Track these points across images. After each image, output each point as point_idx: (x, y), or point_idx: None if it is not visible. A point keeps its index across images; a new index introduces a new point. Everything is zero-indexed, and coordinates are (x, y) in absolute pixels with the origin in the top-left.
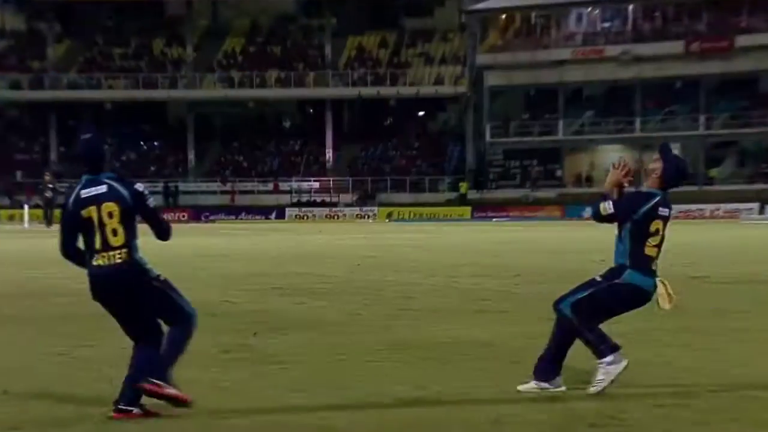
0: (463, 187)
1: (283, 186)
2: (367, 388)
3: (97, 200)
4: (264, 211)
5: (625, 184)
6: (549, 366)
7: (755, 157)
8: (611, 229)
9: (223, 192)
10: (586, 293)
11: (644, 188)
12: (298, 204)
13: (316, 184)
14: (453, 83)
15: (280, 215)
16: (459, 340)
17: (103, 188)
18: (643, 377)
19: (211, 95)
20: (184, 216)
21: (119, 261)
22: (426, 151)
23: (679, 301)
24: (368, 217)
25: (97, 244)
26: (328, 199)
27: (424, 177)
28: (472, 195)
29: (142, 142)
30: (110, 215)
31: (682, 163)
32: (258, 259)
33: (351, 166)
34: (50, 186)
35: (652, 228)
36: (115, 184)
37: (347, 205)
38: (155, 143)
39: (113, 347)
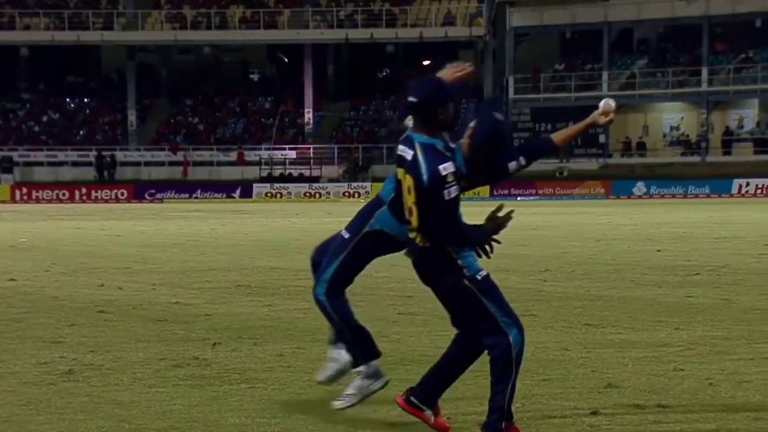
0: None
1: (250, 156)
2: (355, 412)
3: None
4: (225, 188)
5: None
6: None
7: None
8: (674, 213)
9: (172, 163)
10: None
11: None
12: (269, 179)
13: (293, 154)
14: (467, 23)
15: (246, 193)
16: None
17: None
18: (702, 399)
19: (157, 38)
20: (122, 194)
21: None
22: None
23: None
24: (359, 195)
25: None
26: (307, 173)
27: None
28: None
29: (68, 99)
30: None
31: (496, 127)
32: (218, 250)
33: (337, 131)
34: None
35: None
36: None
37: (332, 180)
38: (85, 100)
39: None
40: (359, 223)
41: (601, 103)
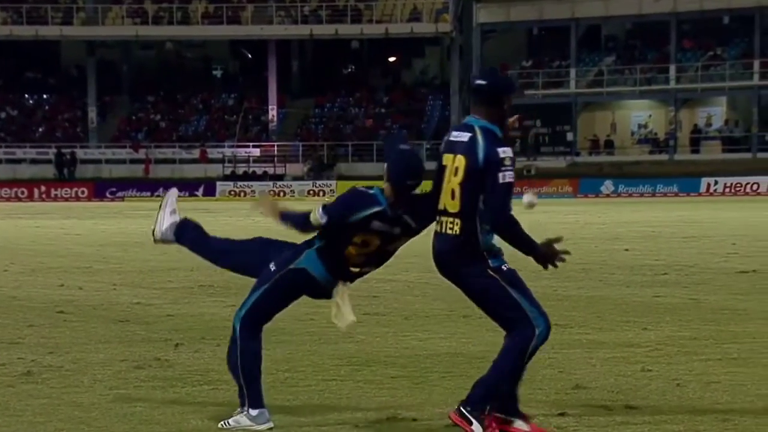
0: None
1: (213, 154)
2: (320, 414)
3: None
4: (188, 186)
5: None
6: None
7: None
8: (642, 212)
9: (134, 161)
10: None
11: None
12: (233, 177)
13: (257, 152)
14: (433, 19)
15: (210, 191)
16: (439, 352)
17: None
18: (669, 400)
19: (118, 34)
20: (83, 192)
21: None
22: (399, 109)
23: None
24: (323, 193)
25: None
26: (271, 171)
27: None
28: None
29: (26, 95)
30: None
31: (410, 158)
32: (180, 249)
33: (301, 129)
34: None
35: (358, 240)
36: None
37: (296, 178)
38: (45, 97)
39: None
40: (287, 258)
41: (525, 199)
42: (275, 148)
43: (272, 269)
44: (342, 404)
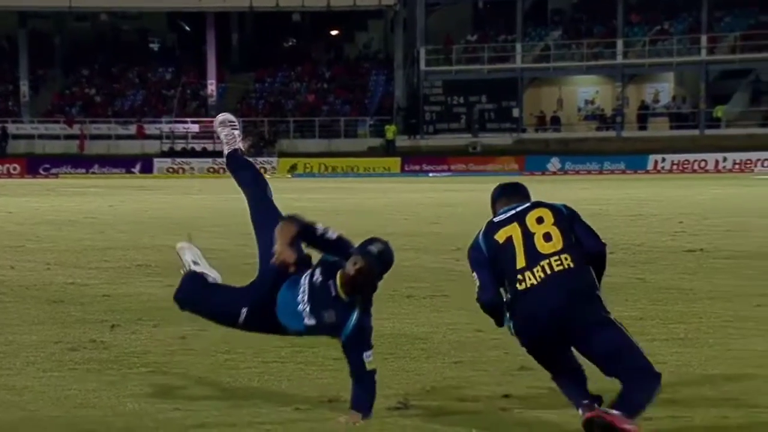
0: (390, 131)
1: (151, 130)
2: (261, 396)
3: None
4: (125, 163)
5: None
6: None
7: None
8: (589, 190)
9: (68, 137)
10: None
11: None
12: (171, 153)
13: (195, 128)
14: None
15: (147, 168)
16: (382, 333)
17: None
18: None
19: (50, 4)
20: (15, 168)
21: None
22: (341, 84)
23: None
24: (265, 170)
25: None
26: (210, 148)
27: (338, 118)
28: (402, 142)
29: None
30: None
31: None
32: (116, 228)
33: (241, 104)
34: None
35: None
36: None
37: None
38: None
39: None
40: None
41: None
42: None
43: (242, 314)
44: (283, 386)
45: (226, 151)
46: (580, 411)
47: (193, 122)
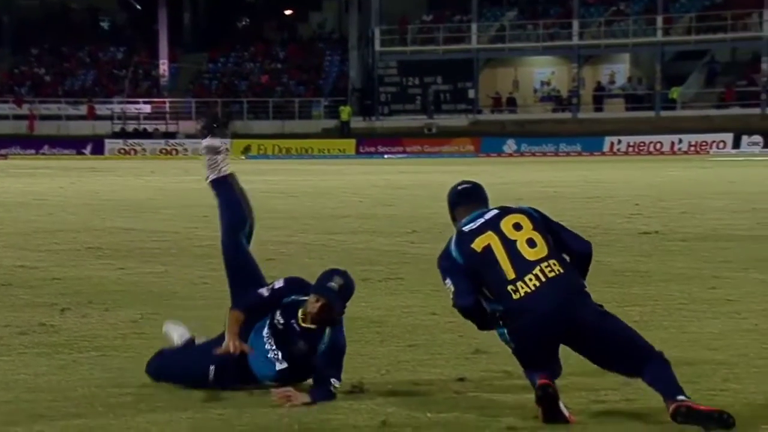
0: (345, 112)
1: (102, 110)
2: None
3: None
4: (75, 144)
5: None
6: None
7: (729, 71)
8: (545, 172)
9: (17, 117)
10: None
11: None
12: (123, 134)
13: (147, 108)
14: None
15: (98, 149)
16: None
17: None
18: (571, 363)
19: None
20: None
21: None
22: (295, 64)
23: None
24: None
25: None
26: (163, 128)
27: (292, 99)
28: (357, 123)
29: None
30: None
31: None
32: (67, 209)
33: (194, 84)
34: None
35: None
36: None
37: (189, 136)
38: None
39: None
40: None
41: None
42: (167, 104)
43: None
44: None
45: (210, 177)
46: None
47: (145, 102)
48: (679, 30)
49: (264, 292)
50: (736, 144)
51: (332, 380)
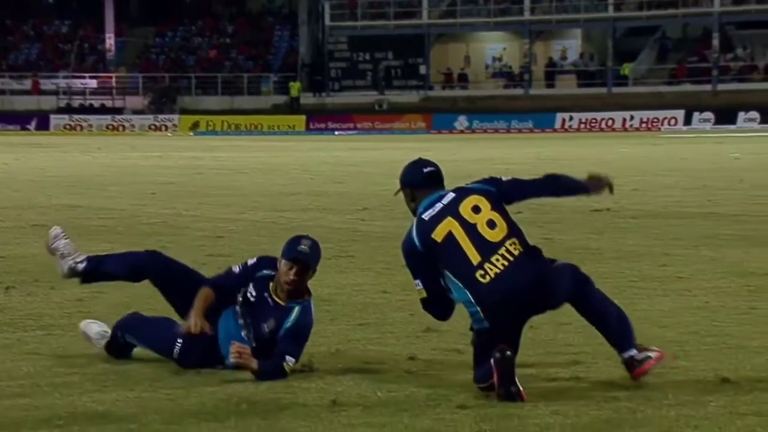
0: (295, 88)
1: (47, 85)
2: (160, 358)
3: None
4: (19, 119)
5: None
6: None
7: (681, 48)
8: (496, 149)
9: None
10: None
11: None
12: (68, 110)
13: (93, 83)
14: None
15: (43, 125)
16: None
17: None
18: (523, 341)
19: None
20: None
21: None
22: (244, 39)
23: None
24: (166, 128)
25: None
26: (109, 104)
27: (241, 75)
28: (307, 99)
29: None
30: None
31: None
32: (11, 186)
33: (141, 59)
34: None
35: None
36: None
37: (137, 111)
38: None
39: None
40: None
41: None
42: (113, 79)
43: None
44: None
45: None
46: None
47: (91, 77)
48: (631, 6)
49: (235, 268)
50: (688, 121)
51: (288, 357)
